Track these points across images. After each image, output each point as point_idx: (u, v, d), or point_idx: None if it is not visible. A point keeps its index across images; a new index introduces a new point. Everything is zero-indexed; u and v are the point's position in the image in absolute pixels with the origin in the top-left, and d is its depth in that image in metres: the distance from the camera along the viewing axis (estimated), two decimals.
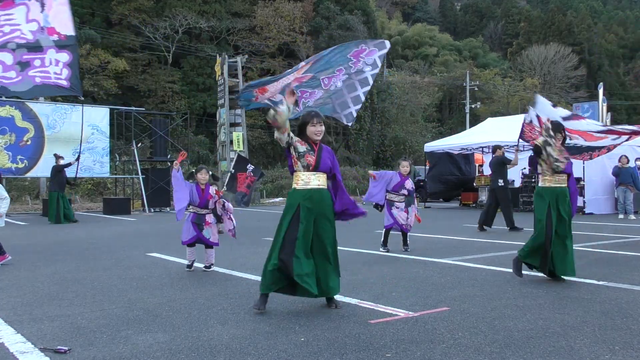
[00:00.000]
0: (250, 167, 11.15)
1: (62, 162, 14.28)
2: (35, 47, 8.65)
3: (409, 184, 7.96)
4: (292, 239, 4.32)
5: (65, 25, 8.81)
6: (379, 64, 7.83)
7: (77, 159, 14.15)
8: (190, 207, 6.34)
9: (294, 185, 4.51)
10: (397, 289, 5.28)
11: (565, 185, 5.64)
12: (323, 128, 4.50)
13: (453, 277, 5.86)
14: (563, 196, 5.58)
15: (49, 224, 13.47)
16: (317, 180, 4.45)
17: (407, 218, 7.91)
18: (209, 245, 6.41)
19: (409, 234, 8.13)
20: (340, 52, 7.89)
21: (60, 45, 8.77)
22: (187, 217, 6.38)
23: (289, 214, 4.41)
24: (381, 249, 7.92)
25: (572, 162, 5.87)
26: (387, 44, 7.67)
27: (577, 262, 6.84)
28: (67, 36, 8.82)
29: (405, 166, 7.97)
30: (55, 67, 8.71)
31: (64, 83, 8.74)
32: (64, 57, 8.77)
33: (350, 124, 8.37)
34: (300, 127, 4.53)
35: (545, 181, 5.65)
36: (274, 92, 7.51)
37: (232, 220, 6.41)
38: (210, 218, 6.41)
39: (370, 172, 8.12)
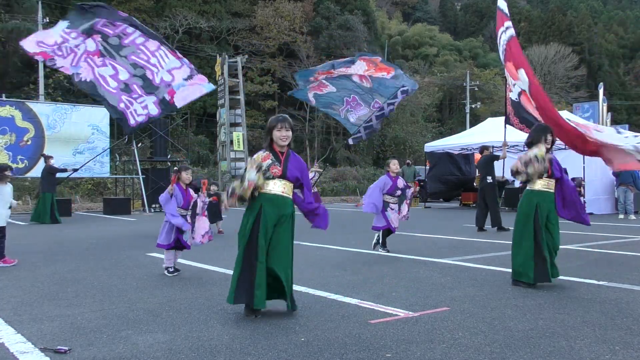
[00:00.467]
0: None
1: (52, 162, 14.27)
2: (148, 88, 9.50)
3: (401, 182, 7.93)
4: (255, 244, 4.24)
5: (183, 99, 9.68)
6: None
7: (75, 170, 14.20)
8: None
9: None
10: (397, 289, 5.28)
11: (553, 190, 5.59)
12: (289, 133, 4.33)
13: (453, 277, 5.86)
14: (550, 201, 5.53)
15: (47, 224, 13.46)
16: (282, 187, 4.34)
17: (399, 218, 7.91)
18: (183, 248, 6.37)
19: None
20: (398, 84, 8.87)
21: (162, 105, 9.55)
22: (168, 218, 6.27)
23: (251, 217, 4.32)
24: (381, 250, 7.92)
25: (563, 167, 5.77)
26: (417, 86, 9.50)
27: (577, 262, 6.88)
28: (174, 106, 9.66)
29: (394, 164, 7.92)
30: (141, 109, 9.45)
31: (132, 121, 9.46)
32: (154, 111, 9.49)
33: (351, 143, 9.59)
34: (266, 133, 4.40)
35: (535, 184, 5.60)
36: (334, 75, 8.63)
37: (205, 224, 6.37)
38: (189, 218, 6.36)
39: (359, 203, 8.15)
